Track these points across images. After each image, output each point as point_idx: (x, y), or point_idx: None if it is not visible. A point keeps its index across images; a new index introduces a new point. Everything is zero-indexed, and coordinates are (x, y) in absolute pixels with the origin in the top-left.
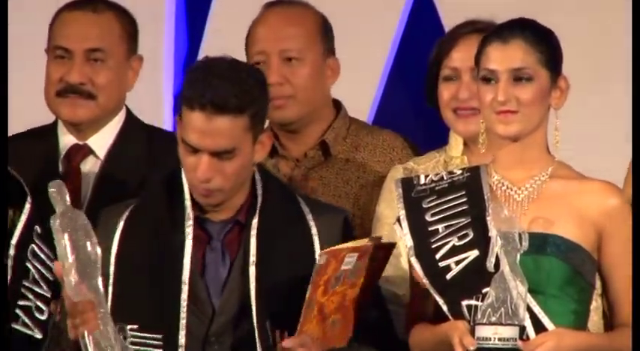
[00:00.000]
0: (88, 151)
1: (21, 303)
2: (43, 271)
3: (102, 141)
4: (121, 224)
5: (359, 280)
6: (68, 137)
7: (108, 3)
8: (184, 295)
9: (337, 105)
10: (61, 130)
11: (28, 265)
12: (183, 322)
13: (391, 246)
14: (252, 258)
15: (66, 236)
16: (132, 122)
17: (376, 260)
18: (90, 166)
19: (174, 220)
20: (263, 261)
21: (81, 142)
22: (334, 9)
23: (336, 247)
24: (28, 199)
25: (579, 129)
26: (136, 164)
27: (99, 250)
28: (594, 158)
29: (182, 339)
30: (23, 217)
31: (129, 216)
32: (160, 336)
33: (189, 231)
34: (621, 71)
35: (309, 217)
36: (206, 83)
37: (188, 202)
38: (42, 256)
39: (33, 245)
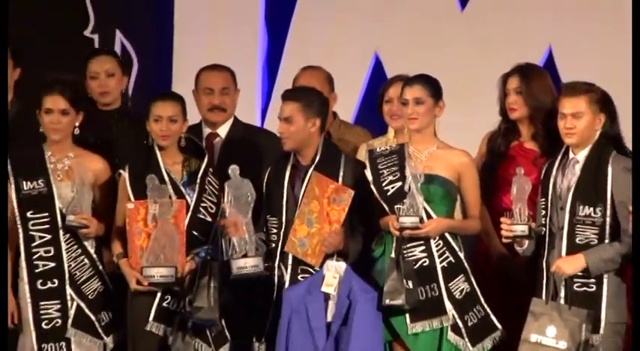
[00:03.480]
0: (217, 136)
1: (198, 216)
2: (210, 196)
3: (223, 131)
4: (266, 177)
5: (344, 207)
6: (206, 129)
7: (224, 66)
8: (284, 203)
9: (334, 114)
10: (203, 125)
11: (206, 187)
12: (283, 217)
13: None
14: (305, 183)
15: (229, 191)
16: (237, 122)
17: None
18: (218, 144)
19: (284, 167)
20: (308, 185)
21: (213, 131)
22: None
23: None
24: (207, 155)
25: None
26: (238, 142)
27: (254, 197)
28: (463, 141)
29: (283, 223)
30: (203, 164)
31: (269, 171)
32: (276, 218)
33: (287, 171)
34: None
35: (342, 164)
36: (285, 92)
37: (291, 159)
38: (210, 187)
39: (208, 178)
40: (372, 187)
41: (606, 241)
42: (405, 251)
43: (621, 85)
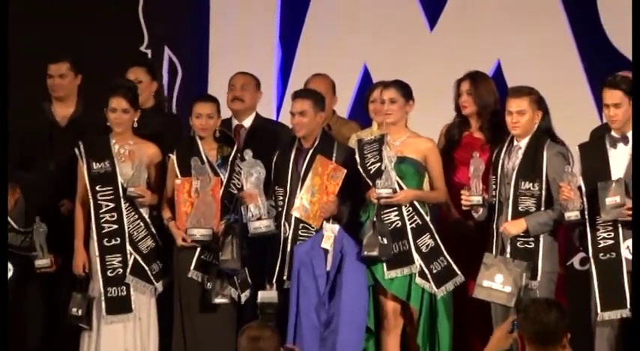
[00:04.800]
0: (242, 127)
1: (229, 190)
2: (238, 174)
3: (248, 122)
4: (275, 157)
5: (338, 182)
6: (235, 121)
7: (248, 72)
8: (289, 177)
9: (334, 111)
10: (232, 119)
11: (235, 168)
12: (288, 187)
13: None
14: (305, 163)
15: (245, 169)
16: (258, 116)
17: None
18: (244, 134)
19: (290, 150)
20: (307, 163)
21: (240, 123)
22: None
23: (336, 165)
24: (236, 144)
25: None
26: (259, 131)
27: (264, 175)
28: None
29: (287, 192)
30: (233, 151)
31: (278, 153)
32: (282, 189)
33: (293, 152)
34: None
35: (335, 149)
36: (296, 92)
37: (295, 143)
38: (238, 168)
39: (237, 161)
40: (359, 167)
41: (542, 209)
42: (382, 215)
43: (557, 87)
